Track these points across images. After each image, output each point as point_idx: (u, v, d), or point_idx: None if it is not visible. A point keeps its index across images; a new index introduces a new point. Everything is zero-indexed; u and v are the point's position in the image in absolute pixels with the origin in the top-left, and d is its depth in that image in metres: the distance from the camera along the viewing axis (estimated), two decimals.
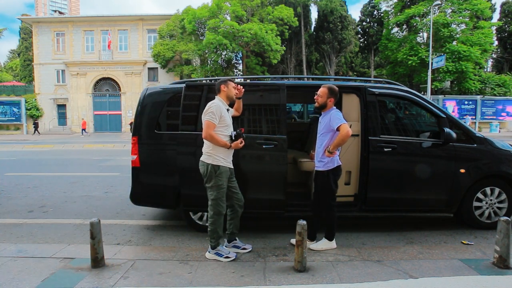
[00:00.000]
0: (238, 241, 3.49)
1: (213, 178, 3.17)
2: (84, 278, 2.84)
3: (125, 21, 30.43)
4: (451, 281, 2.77)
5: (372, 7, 35.71)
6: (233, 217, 3.42)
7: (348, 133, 3.14)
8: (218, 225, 3.25)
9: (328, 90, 3.35)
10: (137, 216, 4.89)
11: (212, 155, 3.18)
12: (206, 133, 3.11)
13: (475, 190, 4.02)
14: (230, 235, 3.47)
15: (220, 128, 3.17)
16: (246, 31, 24.85)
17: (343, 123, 3.19)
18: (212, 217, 3.23)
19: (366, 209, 3.95)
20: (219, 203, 3.21)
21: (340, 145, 3.28)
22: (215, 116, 3.11)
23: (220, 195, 3.21)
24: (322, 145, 3.39)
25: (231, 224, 3.44)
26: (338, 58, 34.11)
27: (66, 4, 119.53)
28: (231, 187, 3.32)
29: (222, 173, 3.18)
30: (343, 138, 3.16)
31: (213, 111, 3.11)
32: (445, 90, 26.71)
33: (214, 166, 3.17)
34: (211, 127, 3.11)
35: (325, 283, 2.77)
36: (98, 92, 30.95)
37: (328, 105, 3.38)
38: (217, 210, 3.22)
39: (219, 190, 3.20)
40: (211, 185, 3.19)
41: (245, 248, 3.45)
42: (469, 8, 24.69)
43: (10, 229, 4.38)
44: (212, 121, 3.11)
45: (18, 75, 45.06)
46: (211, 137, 3.11)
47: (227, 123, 3.22)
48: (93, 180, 7.70)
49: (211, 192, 3.21)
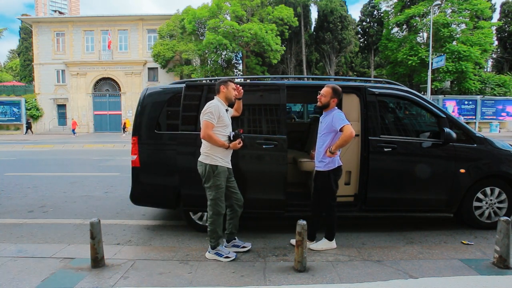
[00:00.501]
0: (237, 240, 3.49)
1: (211, 178, 3.17)
2: (84, 278, 2.84)
3: (125, 21, 30.43)
4: (451, 281, 2.77)
5: (372, 7, 35.71)
6: (232, 217, 3.42)
7: (351, 134, 3.13)
8: (217, 225, 3.25)
9: (332, 90, 3.33)
10: (137, 216, 4.89)
11: (210, 155, 3.19)
12: (204, 133, 3.11)
13: (475, 190, 4.01)
14: (229, 235, 3.47)
15: (218, 128, 3.17)
16: (246, 31, 24.85)
17: (346, 124, 3.17)
18: (212, 217, 3.23)
19: (366, 209, 3.95)
20: (218, 203, 3.21)
21: (343, 146, 3.26)
22: (214, 116, 3.11)
23: (218, 195, 3.21)
24: (323, 145, 3.37)
25: (230, 224, 3.44)
26: (338, 58, 34.12)
27: (66, 4, 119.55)
28: (230, 187, 3.32)
29: (220, 173, 3.19)
30: (346, 139, 3.15)
31: (211, 111, 3.11)
32: (445, 90, 26.71)
33: (212, 166, 3.17)
34: (209, 127, 3.11)
35: (325, 283, 2.77)
36: (98, 92, 30.95)
37: (331, 105, 3.37)
38: (216, 210, 3.22)
39: (218, 190, 3.20)
40: (210, 185, 3.20)
41: (244, 247, 3.45)
42: (469, 8, 24.69)
43: (10, 229, 4.38)
44: (210, 121, 3.10)
45: (18, 75, 45.07)
46: (209, 137, 3.11)
47: (225, 123, 3.22)
48: (93, 180, 7.70)
49: (210, 192, 3.21)
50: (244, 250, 3.43)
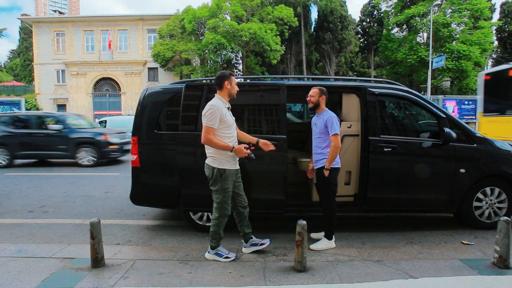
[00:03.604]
0: (254, 239, 3.42)
1: (218, 182, 3.08)
2: (84, 278, 2.84)
3: (125, 21, 30.47)
4: (451, 281, 2.77)
5: (372, 7, 35.68)
6: (240, 219, 3.35)
7: (337, 145, 3.30)
8: (221, 227, 3.20)
9: (318, 90, 3.52)
10: (137, 216, 4.89)
11: (217, 158, 3.08)
12: (204, 138, 3.00)
13: (475, 190, 4.02)
14: (244, 236, 3.40)
15: (222, 129, 3.05)
16: (246, 31, 24.86)
17: (336, 133, 3.29)
18: (217, 219, 3.17)
19: (366, 209, 3.95)
20: (225, 206, 3.15)
21: (334, 159, 3.34)
22: (215, 120, 2.97)
23: (225, 198, 3.13)
24: (322, 147, 3.45)
25: (241, 226, 3.37)
26: (338, 58, 34.11)
27: (66, 4, 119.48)
28: (235, 188, 3.22)
29: (228, 177, 3.10)
30: (335, 150, 3.31)
31: (211, 113, 2.97)
32: (445, 90, 26.72)
33: (220, 169, 3.07)
34: (210, 132, 2.98)
35: (325, 283, 2.77)
36: (98, 92, 30.97)
37: (321, 104, 3.49)
38: (222, 213, 3.15)
39: (225, 193, 3.12)
40: (217, 188, 3.11)
41: (263, 244, 3.38)
42: (469, 8, 24.70)
43: (10, 229, 4.37)
44: (211, 126, 2.97)
45: (18, 75, 45.07)
46: (209, 141, 3.00)
47: (229, 124, 3.08)
48: (93, 180, 7.70)
49: (217, 195, 3.13)
50: (263, 247, 3.36)
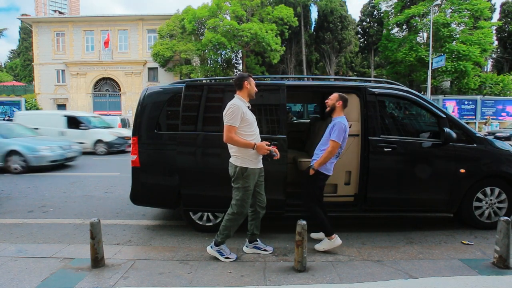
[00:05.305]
0: (259, 242, 3.45)
1: (240, 180, 3.11)
2: (84, 278, 2.85)
3: (125, 21, 30.44)
4: (451, 281, 2.78)
5: (372, 7, 35.71)
6: (254, 217, 3.36)
7: (332, 151, 3.29)
8: (234, 224, 3.19)
9: (338, 95, 3.48)
10: (137, 216, 4.89)
11: (239, 157, 3.11)
12: (226, 136, 3.05)
13: (475, 190, 4.02)
14: (251, 236, 3.41)
15: (244, 128, 3.08)
16: (246, 31, 24.85)
17: (335, 140, 3.27)
18: (233, 215, 3.16)
19: (366, 209, 3.95)
20: (244, 204, 3.15)
21: (326, 162, 3.32)
22: (236, 118, 3.01)
23: (245, 196, 3.14)
24: (322, 148, 3.45)
25: (252, 225, 3.38)
26: (338, 58, 34.10)
27: (66, 4, 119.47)
28: (257, 186, 3.23)
29: (250, 175, 3.11)
30: (329, 154, 3.29)
31: (232, 112, 3.01)
32: (445, 90, 26.73)
33: (242, 168, 3.09)
34: (232, 131, 3.03)
35: (325, 283, 2.78)
36: (98, 92, 30.95)
37: (337, 109, 3.44)
38: (240, 210, 3.15)
39: (246, 192, 3.13)
40: (238, 186, 3.13)
41: (266, 250, 3.40)
42: (469, 8, 24.71)
43: (10, 229, 4.37)
44: (231, 124, 3.02)
45: (18, 75, 45.06)
46: (231, 140, 3.04)
47: (249, 122, 3.12)
48: (93, 180, 7.69)
49: (237, 192, 3.15)
50: (265, 253, 3.37)
